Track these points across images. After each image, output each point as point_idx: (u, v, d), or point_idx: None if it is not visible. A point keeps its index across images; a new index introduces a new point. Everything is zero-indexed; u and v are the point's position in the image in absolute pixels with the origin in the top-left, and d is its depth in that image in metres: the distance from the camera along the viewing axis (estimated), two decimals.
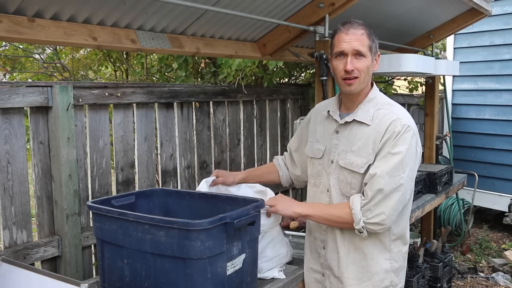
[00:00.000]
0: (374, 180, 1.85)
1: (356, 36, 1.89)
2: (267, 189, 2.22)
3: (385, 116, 1.93)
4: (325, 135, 2.10)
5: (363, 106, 1.98)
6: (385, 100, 2.02)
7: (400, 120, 1.90)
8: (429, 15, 4.01)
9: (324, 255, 2.10)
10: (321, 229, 2.10)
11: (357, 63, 1.89)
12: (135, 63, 5.08)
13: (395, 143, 1.87)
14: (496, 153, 5.84)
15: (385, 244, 2.00)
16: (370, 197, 1.86)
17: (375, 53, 1.95)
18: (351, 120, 1.98)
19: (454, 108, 6.23)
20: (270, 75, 3.96)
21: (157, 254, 1.75)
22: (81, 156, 2.69)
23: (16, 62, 4.91)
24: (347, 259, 2.02)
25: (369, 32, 1.93)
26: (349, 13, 3.00)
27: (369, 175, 1.88)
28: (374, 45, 1.94)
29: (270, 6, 2.72)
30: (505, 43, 5.75)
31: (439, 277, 3.65)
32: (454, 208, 5.40)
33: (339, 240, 2.03)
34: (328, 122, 2.11)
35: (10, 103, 2.30)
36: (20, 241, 2.40)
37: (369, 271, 2.00)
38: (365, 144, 1.93)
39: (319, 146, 2.11)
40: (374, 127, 1.93)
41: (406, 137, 1.87)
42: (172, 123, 3.30)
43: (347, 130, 2.01)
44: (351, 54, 1.89)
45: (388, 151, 1.87)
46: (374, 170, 1.87)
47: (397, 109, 1.98)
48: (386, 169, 1.85)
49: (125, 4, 2.15)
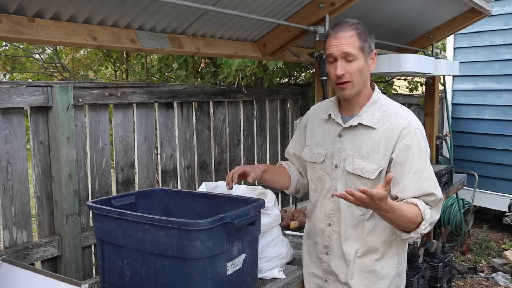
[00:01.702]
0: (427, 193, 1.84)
1: (345, 38, 1.83)
2: (268, 191, 2.22)
3: (395, 120, 1.89)
4: (326, 139, 2.04)
5: (367, 109, 1.93)
6: (389, 102, 1.99)
7: (412, 124, 1.88)
8: (429, 15, 4.01)
9: (328, 261, 2.05)
10: (323, 235, 2.05)
11: (347, 66, 1.84)
12: (135, 63, 5.08)
13: (419, 151, 1.85)
14: (496, 153, 5.83)
15: (394, 249, 1.98)
16: (430, 206, 1.85)
17: (368, 52, 1.88)
18: (357, 124, 1.93)
19: (454, 108, 6.23)
20: (270, 75, 3.96)
21: (157, 254, 1.75)
22: (81, 156, 2.69)
23: (16, 62, 4.91)
24: (356, 266, 1.97)
25: (361, 32, 1.85)
26: (349, 13, 3.00)
27: (421, 189, 1.84)
28: (367, 45, 1.87)
29: (270, 6, 2.72)
30: (505, 43, 5.75)
31: (439, 277, 3.64)
32: (454, 208, 5.40)
33: (347, 247, 1.97)
34: (328, 125, 2.04)
35: (10, 103, 2.30)
36: (20, 241, 2.40)
37: (377, 276, 1.97)
38: (375, 149, 1.88)
39: (319, 150, 2.05)
40: (384, 131, 1.89)
41: (421, 141, 1.87)
42: (172, 123, 3.30)
43: (352, 134, 1.95)
44: (341, 58, 1.84)
45: (423, 163, 1.85)
46: (427, 184, 1.84)
47: (404, 112, 1.95)
48: (435, 179, 1.85)
49: (125, 4, 2.15)
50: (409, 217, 1.77)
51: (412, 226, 1.81)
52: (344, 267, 2.00)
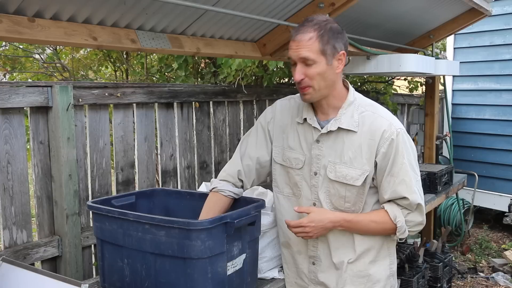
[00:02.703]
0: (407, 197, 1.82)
1: (303, 42, 1.71)
2: (268, 191, 2.23)
3: (375, 121, 1.81)
4: (302, 144, 1.90)
5: (344, 111, 1.83)
6: (366, 101, 1.89)
7: (393, 125, 1.81)
8: (429, 15, 4.01)
9: (315, 271, 1.95)
10: (308, 245, 1.94)
11: (307, 70, 1.73)
12: (135, 63, 5.08)
13: (398, 154, 1.80)
14: (496, 153, 5.83)
15: (386, 249, 1.95)
16: (409, 210, 1.84)
17: (332, 54, 1.74)
18: (336, 129, 1.82)
19: (454, 108, 6.23)
20: (270, 75, 3.96)
21: (157, 254, 1.75)
22: (81, 156, 2.69)
23: (16, 62, 4.91)
24: (349, 272, 1.90)
25: (323, 33, 1.71)
26: (349, 13, 3.01)
27: (395, 192, 1.82)
28: (330, 46, 1.73)
29: (270, 6, 2.72)
30: (505, 43, 5.75)
31: (439, 277, 3.65)
32: (454, 208, 5.40)
33: (338, 256, 1.89)
34: (303, 129, 1.91)
35: (10, 103, 2.30)
36: (20, 241, 2.40)
37: (371, 281, 1.91)
38: (357, 154, 1.81)
39: (296, 155, 1.91)
40: (364, 134, 1.81)
41: (401, 143, 1.81)
42: (172, 123, 3.30)
43: (330, 139, 1.84)
44: (300, 62, 1.74)
45: (399, 166, 1.80)
46: (400, 188, 1.81)
47: (383, 112, 1.87)
48: (410, 183, 1.81)
49: (125, 4, 2.15)
50: (376, 225, 1.85)
51: (387, 232, 1.87)
52: (335, 276, 1.92)
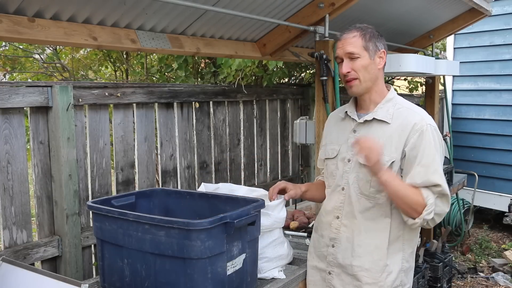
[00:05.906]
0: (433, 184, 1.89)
1: (348, 39, 1.97)
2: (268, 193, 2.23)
3: (408, 115, 1.97)
4: (340, 136, 2.13)
5: (382, 106, 2.02)
6: (404, 101, 2.07)
7: (424, 119, 1.95)
8: (429, 15, 4.01)
9: (333, 253, 2.09)
10: (331, 227, 2.10)
11: (352, 64, 1.96)
12: (135, 63, 5.08)
13: (429, 145, 1.91)
14: (496, 153, 5.83)
15: (400, 244, 2.03)
16: (439, 196, 1.91)
17: (374, 51, 1.98)
18: (371, 119, 2.01)
19: (454, 108, 6.23)
20: (270, 75, 3.96)
21: (157, 254, 1.75)
22: (81, 156, 2.69)
23: (16, 62, 4.91)
24: (364, 258, 2.01)
25: (365, 33, 1.97)
26: (349, 13, 3.01)
27: (428, 181, 1.89)
28: (372, 44, 1.97)
29: (270, 6, 2.72)
30: (505, 43, 5.75)
31: (439, 277, 3.65)
32: (454, 208, 5.40)
33: (356, 240, 2.02)
34: (344, 123, 2.14)
35: (10, 103, 2.30)
36: (20, 241, 2.40)
37: (385, 271, 2.01)
38: (388, 143, 1.95)
39: (333, 146, 2.14)
40: (397, 126, 1.96)
41: (431, 136, 1.92)
42: (172, 123, 3.30)
43: (365, 129, 2.03)
44: (346, 57, 1.97)
45: (431, 158, 1.90)
46: (433, 177, 1.89)
47: (418, 109, 2.03)
48: (441, 173, 1.91)
49: (125, 4, 2.15)
50: (410, 194, 1.87)
51: (414, 206, 1.88)
52: (352, 259, 2.03)
